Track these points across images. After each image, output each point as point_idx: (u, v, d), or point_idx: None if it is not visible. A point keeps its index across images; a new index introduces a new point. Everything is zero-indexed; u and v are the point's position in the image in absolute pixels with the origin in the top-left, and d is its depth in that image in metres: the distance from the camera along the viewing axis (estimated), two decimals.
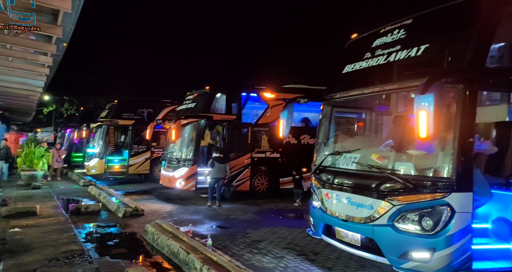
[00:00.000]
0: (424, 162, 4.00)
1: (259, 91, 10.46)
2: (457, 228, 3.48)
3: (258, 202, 9.37)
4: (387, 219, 3.89)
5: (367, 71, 4.87)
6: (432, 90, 3.38)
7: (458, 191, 3.53)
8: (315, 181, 5.19)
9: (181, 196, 10.39)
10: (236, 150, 9.90)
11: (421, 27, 4.34)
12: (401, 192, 3.86)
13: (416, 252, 3.62)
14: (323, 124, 5.68)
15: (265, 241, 5.90)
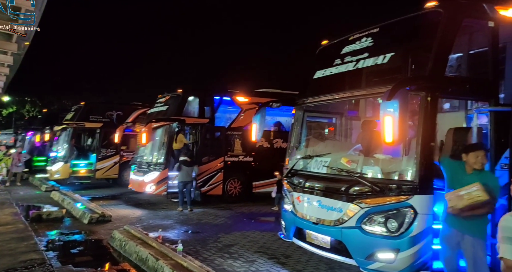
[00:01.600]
0: (390, 166, 4.14)
1: (232, 95, 10.46)
2: (419, 229, 3.62)
3: (230, 206, 9.32)
4: (355, 222, 3.99)
5: (337, 77, 4.99)
6: (397, 97, 3.51)
7: (420, 193, 3.68)
8: (287, 184, 5.24)
9: (151, 201, 10.14)
10: (208, 154, 9.81)
11: (387, 35, 4.52)
12: (369, 195, 3.97)
13: (381, 253, 3.73)
14: (295, 128, 5.76)
15: (237, 245, 5.87)
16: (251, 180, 10.25)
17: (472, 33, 4.39)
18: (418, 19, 4.12)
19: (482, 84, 4.01)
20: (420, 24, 4.14)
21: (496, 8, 3.90)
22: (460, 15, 3.85)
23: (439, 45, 3.79)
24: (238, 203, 9.63)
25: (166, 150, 9.49)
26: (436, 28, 3.79)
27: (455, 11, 3.83)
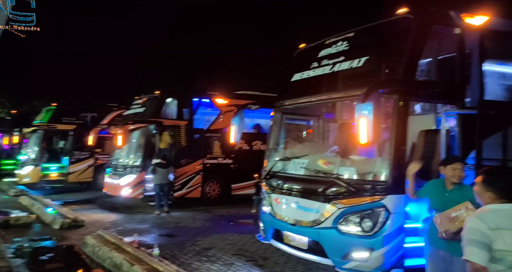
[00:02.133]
0: (365, 167, 4.25)
1: (211, 97, 10.41)
2: (392, 228, 3.73)
3: (209, 209, 9.25)
4: (332, 222, 4.05)
5: (314, 80, 5.08)
6: (371, 100, 3.62)
7: (393, 193, 3.79)
8: (266, 186, 5.26)
9: (127, 204, 9.89)
10: (187, 156, 9.69)
11: (361, 40, 4.64)
12: (345, 196, 4.05)
13: (356, 252, 3.81)
14: (274, 130, 5.80)
15: (215, 248, 5.82)
16: (230, 183, 10.21)
17: (441, 39, 4.59)
18: (391, 24, 4.26)
19: (450, 88, 4.19)
20: (393, 30, 4.29)
21: (462, 16, 4.10)
22: (429, 22, 4.02)
23: (410, 50, 3.94)
24: (217, 206, 9.56)
25: (143, 153, 9.31)
26: (407, 34, 3.94)
27: (424, 18, 3.99)
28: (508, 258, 1.85)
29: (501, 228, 1.88)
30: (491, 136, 4.11)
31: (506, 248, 1.85)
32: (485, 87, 4.14)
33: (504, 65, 4.55)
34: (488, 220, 1.92)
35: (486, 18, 4.11)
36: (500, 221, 1.90)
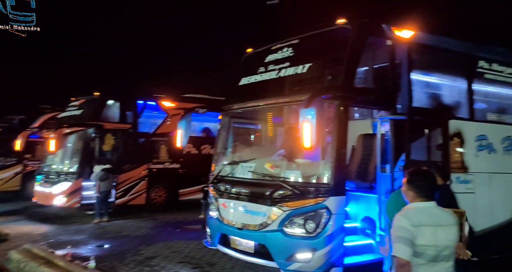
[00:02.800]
0: (309, 169, 4.39)
1: (157, 100, 10.07)
2: (333, 228, 3.89)
3: (154, 216, 8.88)
4: (278, 225, 4.11)
5: (261, 84, 5.15)
6: (314, 105, 3.76)
7: (334, 195, 3.96)
8: (213, 191, 5.20)
9: (61, 214, 9.09)
10: (131, 161, 9.24)
11: (305, 47, 4.82)
12: (290, 198, 4.14)
13: (300, 254, 3.91)
14: (222, 134, 5.77)
15: (159, 256, 5.60)
16: (178, 188, 9.94)
17: (375, 49, 4.93)
18: (331, 33, 4.49)
19: (384, 95, 4.51)
20: (333, 39, 4.52)
21: (393, 29, 4.46)
22: (365, 32, 4.31)
23: (348, 58, 4.18)
24: (163, 212, 9.22)
25: (80, 158, 8.70)
26: (345, 43, 4.18)
27: (361, 29, 4.27)
28: (428, 252, 2.02)
29: (423, 225, 2.04)
30: (418, 140, 4.51)
31: (426, 243, 2.02)
32: (413, 95, 4.53)
33: (429, 75, 5.03)
34: (411, 217, 2.07)
35: (412, 32, 4.51)
36: (422, 218, 2.07)
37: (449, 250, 2.05)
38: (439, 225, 2.05)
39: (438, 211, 2.13)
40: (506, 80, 5.44)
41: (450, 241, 2.05)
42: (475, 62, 5.21)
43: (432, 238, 2.02)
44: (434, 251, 2.02)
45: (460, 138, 4.83)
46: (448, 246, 2.04)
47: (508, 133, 5.21)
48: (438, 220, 2.07)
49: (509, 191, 5.12)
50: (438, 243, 2.02)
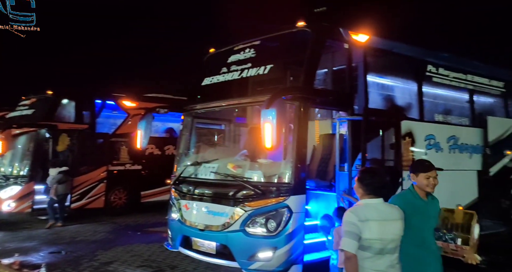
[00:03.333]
0: (271, 169, 4.44)
1: (117, 99, 9.71)
2: (294, 226, 3.97)
3: (114, 219, 8.55)
4: (240, 225, 4.13)
5: (223, 84, 5.15)
6: (274, 106, 3.82)
7: (295, 194, 4.05)
8: (174, 192, 5.11)
9: (10, 220, 8.45)
10: (88, 163, 8.83)
11: (266, 48, 4.88)
12: (252, 198, 4.17)
13: (261, 253, 3.95)
14: (184, 134, 5.69)
15: (118, 261, 5.41)
16: (140, 190, 9.65)
17: (334, 52, 5.11)
18: (291, 36, 4.59)
19: (342, 97, 4.69)
20: (293, 41, 4.62)
21: (350, 33, 4.65)
22: (323, 35, 4.45)
23: (308, 60, 4.30)
24: (123, 215, 8.91)
25: (32, 160, 8.18)
26: (305, 45, 4.29)
27: (319, 32, 4.41)
28: (374, 245, 2.14)
29: (369, 220, 2.16)
30: (374, 139, 4.74)
31: (372, 237, 2.14)
32: (368, 97, 4.75)
33: (383, 78, 5.30)
34: (359, 213, 2.20)
35: (367, 37, 4.73)
36: (369, 213, 2.19)
37: (395, 243, 2.18)
38: (385, 220, 2.18)
39: (384, 207, 2.26)
40: (451, 83, 5.87)
41: (395, 235, 2.18)
42: (424, 66, 5.57)
43: (378, 232, 2.13)
44: (380, 244, 2.14)
45: (411, 138, 5.13)
46: (393, 240, 2.17)
47: (453, 132, 5.62)
48: (384, 215, 2.19)
49: (454, 187, 5.52)
50: (384, 236, 2.14)
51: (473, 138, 5.85)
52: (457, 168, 5.64)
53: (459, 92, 6.07)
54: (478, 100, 6.22)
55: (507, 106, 6.53)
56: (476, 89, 6.17)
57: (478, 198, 5.75)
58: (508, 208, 6.10)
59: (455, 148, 5.61)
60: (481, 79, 6.22)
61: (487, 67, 6.48)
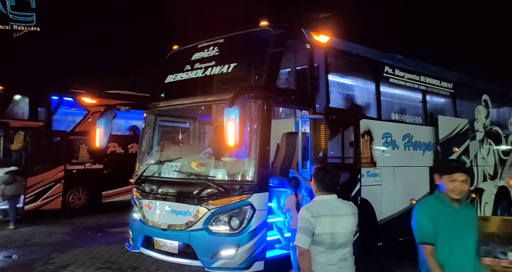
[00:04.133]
0: (235, 168, 4.46)
1: (76, 95, 9.27)
2: (257, 224, 4.02)
3: (72, 221, 8.20)
4: (203, 223, 4.12)
5: (187, 82, 5.09)
6: (237, 104, 3.83)
7: (258, 191, 4.10)
8: (136, 192, 4.99)
9: None
10: (43, 162, 8.36)
11: (230, 46, 4.88)
12: (216, 197, 4.17)
13: (224, 251, 3.97)
14: (146, 132, 5.56)
15: (75, 264, 5.20)
16: (101, 189, 9.30)
17: (296, 52, 5.21)
18: (254, 35, 4.63)
19: (304, 96, 4.80)
20: (256, 40, 4.66)
21: (311, 33, 4.77)
22: (285, 35, 4.52)
23: (270, 59, 4.36)
24: (83, 216, 8.55)
25: None
26: (267, 45, 4.34)
27: (281, 32, 4.47)
28: (326, 240, 2.24)
29: (321, 215, 2.26)
30: (334, 138, 4.90)
31: (323, 232, 2.24)
32: (329, 96, 4.90)
33: (343, 78, 5.49)
34: (312, 209, 2.29)
35: (328, 38, 4.88)
36: (321, 209, 2.29)
37: (346, 237, 2.28)
38: (336, 215, 2.28)
39: (337, 203, 2.36)
40: (406, 84, 6.20)
41: (346, 229, 2.28)
42: (381, 68, 5.84)
43: (329, 227, 2.23)
44: (331, 239, 2.24)
45: (369, 136, 5.37)
46: (344, 234, 2.27)
47: (407, 131, 5.94)
48: (335, 211, 2.29)
49: (408, 182, 5.87)
50: (335, 231, 2.24)
51: (425, 136, 6.22)
52: (411, 164, 5.98)
53: (413, 93, 6.42)
54: (430, 100, 6.62)
55: (455, 106, 7.00)
56: (428, 89, 6.56)
57: (429, 192, 6.13)
58: None
59: (409, 145, 5.95)
60: (433, 81, 6.62)
61: (437, 69, 6.91)
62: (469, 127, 6.83)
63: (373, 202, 5.22)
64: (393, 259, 5.48)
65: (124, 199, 9.10)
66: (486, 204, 7.17)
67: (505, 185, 7.66)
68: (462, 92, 7.18)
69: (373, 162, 5.37)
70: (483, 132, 7.36)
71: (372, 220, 5.24)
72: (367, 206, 5.12)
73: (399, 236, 5.65)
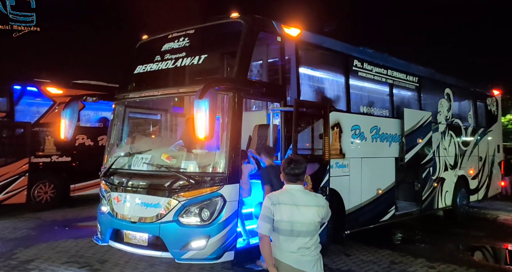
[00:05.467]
0: (206, 160, 4.46)
1: (41, 85, 8.84)
2: (228, 215, 4.06)
3: (38, 215, 7.90)
4: (173, 215, 4.11)
5: (157, 73, 4.99)
6: (207, 96, 3.82)
7: (229, 183, 4.13)
8: (105, 184, 4.88)
9: None
10: (6, 155, 7.97)
11: (200, 38, 4.82)
12: (187, 189, 4.16)
13: (194, 242, 3.98)
14: (115, 124, 5.43)
15: (40, 259, 5.04)
16: (69, 183, 9.01)
17: (268, 44, 5.23)
18: (225, 26, 4.59)
19: (275, 88, 4.84)
20: (227, 31, 4.63)
21: (282, 26, 4.79)
22: (256, 27, 4.51)
23: (241, 51, 4.34)
24: (50, 210, 8.25)
25: None
26: (238, 36, 4.33)
27: (252, 24, 4.46)
28: (283, 227, 2.34)
29: (281, 203, 2.37)
30: (304, 130, 5.00)
31: (281, 219, 2.35)
32: (300, 89, 4.98)
33: (314, 71, 5.57)
34: (273, 197, 2.41)
35: (299, 31, 4.92)
36: (282, 198, 2.40)
37: (305, 227, 2.35)
38: (296, 204, 2.37)
39: (300, 193, 2.44)
40: (374, 78, 6.39)
41: (306, 219, 2.36)
42: (351, 61, 5.98)
43: (286, 215, 2.34)
44: (290, 226, 2.33)
45: (339, 128, 5.52)
46: (303, 224, 2.35)
47: (375, 123, 6.15)
48: (296, 201, 2.38)
49: (375, 173, 6.11)
50: (293, 219, 2.33)
51: (392, 128, 6.47)
52: (378, 155, 6.22)
53: (381, 86, 6.63)
54: (397, 93, 6.87)
55: (420, 99, 7.31)
56: (395, 83, 6.79)
57: (395, 182, 6.42)
58: (420, 191, 6.90)
59: (377, 137, 6.17)
60: (400, 74, 6.87)
61: (404, 63, 7.15)
62: (432, 120, 7.16)
63: (341, 192, 5.40)
64: (357, 246, 5.74)
65: (93, 192, 8.85)
66: (446, 193, 7.60)
67: (464, 174, 8.13)
68: (427, 86, 7.48)
69: (342, 153, 5.53)
70: (445, 125, 7.74)
71: (340, 209, 5.43)
72: (336, 196, 5.30)
73: (365, 224, 5.91)
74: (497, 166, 9.45)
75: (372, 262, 5.04)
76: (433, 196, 7.19)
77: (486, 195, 8.97)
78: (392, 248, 5.79)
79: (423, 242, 6.41)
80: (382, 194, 6.10)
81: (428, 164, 6.98)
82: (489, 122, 9.32)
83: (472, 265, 5.04)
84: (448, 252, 5.73)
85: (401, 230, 7.14)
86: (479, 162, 8.72)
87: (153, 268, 4.64)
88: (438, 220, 8.16)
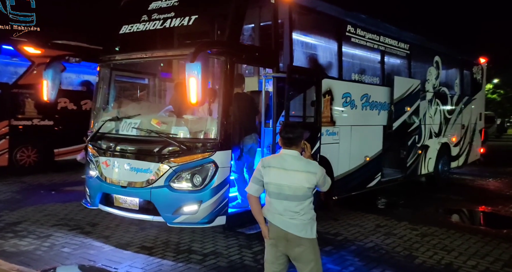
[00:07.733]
0: (197, 125, 4.40)
1: (18, 44, 8.31)
2: (219, 181, 4.10)
3: (22, 179, 7.79)
4: (164, 181, 4.11)
5: (144, 34, 4.75)
6: (199, 59, 3.67)
7: (221, 149, 4.12)
8: (92, 149, 4.80)
9: None
10: None
11: None
12: (178, 154, 4.13)
13: (187, 207, 4.04)
14: (101, 87, 5.24)
15: (27, 221, 5.03)
16: (53, 147, 8.83)
17: (261, 7, 4.98)
18: None
19: (268, 53, 4.70)
20: None
21: None
22: None
23: (233, 14, 4.14)
24: (34, 175, 8.14)
25: None
26: None
27: None
28: (271, 189, 2.46)
29: (271, 166, 2.46)
30: (297, 97, 4.95)
31: (269, 181, 2.45)
32: (293, 54, 4.85)
33: (307, 36, 5.41)
34: (265, 160, 2.53)
35: None
36: (273, 161, 2.49)
37: (292, 191, 2.39)
38: (285, 168, 2.43)
39: (291, 158, 2.47)
40: (366, 44, 6.28)
41: (294, 183, 2.40)
42: (344, 26, 5.82)
43: (274, 177, 2.43)
44: (277, 189, 2.42)
45: (330, 96, 5.49)
46: (290, 187, 2.39)
47: (366, 91, 6.15)
48: (285, 165, 2.44)
49: (363, 141, 6.21)
50: (280, 183, 2.41)
51: (381, 96, 6.49)
52: (367, 123, 6.29)
53: (372, 53, 6.53)
54: (388, 61, 6.80)
55: (410, 67, 7.28)
56: (387, 50, 6.70)
57: (382, 150, 6.56)
58: (405, 158, 7.10)
59: (367, 105, 6.20)
60: (391, 41, 6.76)
61: (396, 29, 7.00)
62: (421, 88, 7.21)
63: (331, 159, 5.50)
64: (345, 211, 5.98)
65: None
66: (429, 159, 7.87)
67: (447, 142, 8.38)
68: (417, 53, 7.43)
69: (332, 121, 5.56)
70: (432, 93, 7.82)
71: (329, 175, 5.55)
72: (325, 163, 5.39)
73: (352, 190, 6.11)
74: (478, 134, 9.74)
75: (359, 225, 5.27)
76: (417, 163, 7.43)
77: (466, 161, 9.32)
78: (377, 212, 6.05)
79: (406, 206, 6.72)
80: (369, 161, 6.25)
81: (415, 132, 7.12)
82: (473, 91, 9.47)
83: (451, 226, 5.34)
84: (429, 215, 6.04)
85: (386, 196, 7.45)
86: (462, 129, 8.95)
87: (144, 232, 4.72)
88: (420, 185, 8.52)
